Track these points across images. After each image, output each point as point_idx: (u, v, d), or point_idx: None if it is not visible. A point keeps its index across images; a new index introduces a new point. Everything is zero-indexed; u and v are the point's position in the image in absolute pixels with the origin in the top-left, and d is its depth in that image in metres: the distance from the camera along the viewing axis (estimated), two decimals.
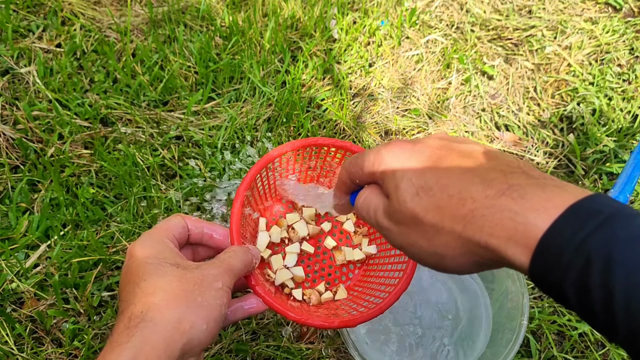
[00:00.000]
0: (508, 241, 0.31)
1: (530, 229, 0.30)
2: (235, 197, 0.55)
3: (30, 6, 1.06)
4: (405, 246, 0.38)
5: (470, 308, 0.83)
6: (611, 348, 0.83)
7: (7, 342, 0.73)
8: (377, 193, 0.40)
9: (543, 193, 0.31)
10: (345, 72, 1.07)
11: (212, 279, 0.43)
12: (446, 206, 0.34)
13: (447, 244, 0.34)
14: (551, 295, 0.32)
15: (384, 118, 1.04)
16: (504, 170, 0.34)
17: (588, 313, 0.29)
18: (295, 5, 1.12)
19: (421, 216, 0.35)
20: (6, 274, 0.77)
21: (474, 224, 0.32)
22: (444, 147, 0.37)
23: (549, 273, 0.30)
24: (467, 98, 1.09)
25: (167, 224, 0.48)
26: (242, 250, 0.50)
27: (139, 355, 0.37)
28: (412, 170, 0.36)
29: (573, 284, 0.29)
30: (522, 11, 1.23)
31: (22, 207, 0.85)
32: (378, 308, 0.55)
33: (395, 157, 0.38)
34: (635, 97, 1.09)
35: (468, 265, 0.35)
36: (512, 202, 0.31)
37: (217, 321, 0.42)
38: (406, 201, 0.35)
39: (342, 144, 0.61)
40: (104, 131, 0.93)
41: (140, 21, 1.08)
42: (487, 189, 0.33)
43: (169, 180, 0.91)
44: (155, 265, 0.43)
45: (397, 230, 0.37)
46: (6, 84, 0.96)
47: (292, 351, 0.79)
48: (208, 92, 0.99)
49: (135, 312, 0.39)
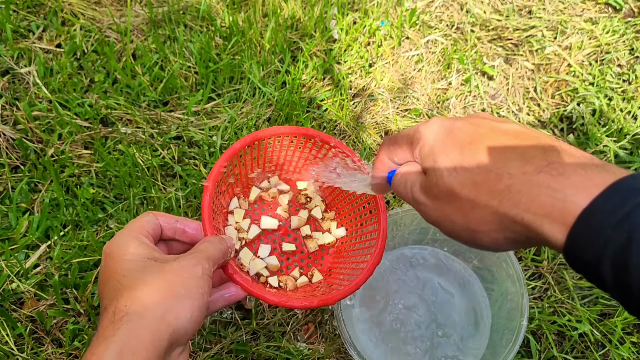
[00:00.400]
0: (545, 217, 0.31)
1: (568, 206, 0.30)
2: (204, 190, 0.55)
3: (30, 6, 1.06)
4: (440, 221, 0.38)
5: (470, 308, 0.83)
6: (611, 348, 0.83)
7: (7, 342, 0.74)
8: (414, 169, 0.40)
9: (583, 171, 0.31)
10: (345, 72, 1.07)
11: (191, 269, 0.44)
12: (483, 181, 0.34)
13: (482, 219, 0.34)
14: (585, 274, 0.31)
15: (384, 118, 1.04)
16: (543, 148, 0.34)
17: (624, 293, 0.29)
18: (295, 6, 1.12)
19: (457, 191, 0.35)
20: (6, 274, 0.77)
21: (511, 200, 0.32)
22: (483, 125, 0.37)
23: (586, 251, 0.29)
24: (467, 98, 1.09)
25: (140, 222, 0.49)
26: (217, 239, 0.50)
27: (125, 348, 0.37)
28: (451, 146, 0.37)
29: (611, 263, 0.28)
30: (522, 11, 1.23)
31: (22, 208, 0.85)
32: (354, 284, 0.56)
33: (434, 133, 0.38)
34: (635, 97, 1.09)
35: (501, 242, 0.35)
36: (550, 179, 0.31)
37: (201, 310, 0.42)
38: (443, 176, 0.36)
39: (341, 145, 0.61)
40: (104, 131, 0.93)
41: (140, 21, 1.08)
42: (525, 165, 0.33)
43: (169, 180, 0.91)
44: (134, 261, 0.43)
45: (432, 205, 0.38)
46: (6, 84, 0.96)
47: (292, 351, 0.79)
48: (208, 92, 0.99)
49: (119, 306, 0.39)
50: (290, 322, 0.81)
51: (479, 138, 0.36)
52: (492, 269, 0.82)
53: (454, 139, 0.37)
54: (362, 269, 0.58)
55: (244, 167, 0.64)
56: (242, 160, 0.62)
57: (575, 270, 0.32)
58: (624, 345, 0.83)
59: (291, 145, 0.65)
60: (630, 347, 0.83)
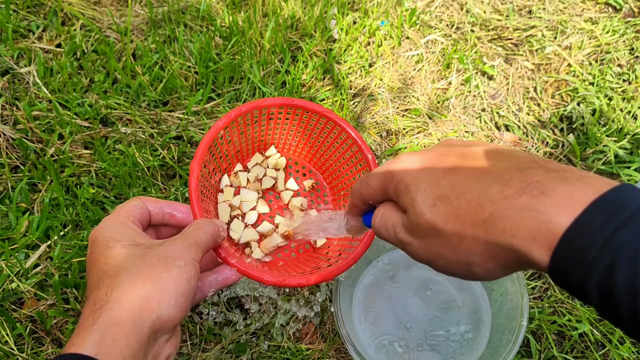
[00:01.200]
0: (533, 242, 0.30)
1: (552, 227, 0.29)
2: (190, 173, 0.54)
3: (30, 6, 1.06)
4: (431, 259, 0.37)
5: (469, 308, 0.83)
6: (611, 348, 0.83)
7: (7, 342, 0.74)
8: (393, 209, 0.39)
9: (564, 187, 0.30)
10: (345, 72, 1.07)
11: (176, 254, 0.42)
12: (466, 213, 0.33)
13: (472, 250, 0.33)
14: (571, 293, 0.31)
15: (384, 118, 1.04)
16: (520, 167, 0.33)
17: (611, 314, 0.28)
18: (295, 5, 1.12)
19: (441, 226, 0.34)
20: (6, 274, 0.77)
21: (496, 227, 0.31)
22: (453, 153, 0.36)
23: (570, 273, 0.29)
24: (467, 98, 1.09)
25: (126, 207, 0.48)
26: (206, 222, 0.49)
27: (105, 336, 0.36)
28: (426, 181, 0.36)
29: (597, 286, 0.28)
30: (522, 11, 1.23)
31: (22, 207, 0.85)
32: (352, 257, 0.55)
33: (406, 170, 0.37)
34: (635, 97, 1.09)
35: (497, 270, 0.34)
36: (533, 200, 0.30)
37: (187, 295, 0.41)
38: (424, 213, 0.35)
39: (313, 106, 0.61)
40: (104, 131, 0.93)
41: (140, 21, 1.08)
42: (505, 189, 0.32)
43: (169, 180, 0.91)
44: (117, 248, 0.42)
45: (418, 244, 0.37)
46: (6, 84, 0.96)
47: (292, 351, 0.79)
48: (208, 92, 0.99)
49: (100, 295, 0.39)
50: (290, 322, 0.81)
51: (452, 168, 0.35)
52: None
53: (427, 173, 0.36)
54: (359, 241, 0.57)
55: (232, 144, 0.63)
56: (228, 138, 0.61)
57: (562, 289, 0.31)
58: (624, 345, 0.83)
59: (279, 117, 0.64)
60: (630, 347, 0.83)
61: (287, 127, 0.66)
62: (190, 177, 0.54)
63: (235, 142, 0.63)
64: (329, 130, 0.65)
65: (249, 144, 0.66)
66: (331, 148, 0.67)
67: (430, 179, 0.36)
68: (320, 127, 0.65)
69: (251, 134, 0.64)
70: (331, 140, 0.66)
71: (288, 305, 0.82)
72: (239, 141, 0.64)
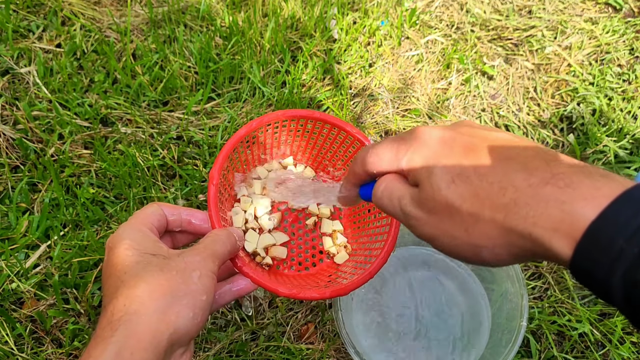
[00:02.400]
0: (554, 232, 0.29)
1: (577, 218, 0.29)
2: (210, 180, 0.53)
3: (30, 6, 1.06)
4: (436, 236, 0.36)
5: (470, 308, 0.83)
6: (611, 348, 0.83)
7: (7, 342, 0.74)
8: (399, 181, 0.38)
9: (590, 181, 0.29)
10: (345, 72, 1.07)
11: (195, 265, 0.42)
12: (486, 194, 0.32)
13: (486, 234, 0.33)
14: (593, 289, 0.30)
15: (384, 118, 1.04)
16: (545, 159, 0.32)
17: (634, 309, 0.28)
18: (295, 5, 1.12)
19: (457, 204, 0.33)
20: (6, 274, 0.78)
21: (517, 214, 0.31)
22: (475, 135, 0.36)
23: (594, 264, 0.28)
24: (467, 98, 1.09)
25: (144, 213, 0.47)
26: (225, 233, 0.48)
27: (124, 348, 0.36)
28: (446, 156, 0.35)
29: (622, 276, 0.27)
30: (522, 11, 1.23)
31: (22, 207, 0.85)
32: (368, 272, 0.54)
33: (424, 143, 0.36)
34: (635, 97, 1.09)
35: (505, 257, 0.33)
36: (558, 191, 0.30)
37: (204, 308, 0.41)
38: (441, 189, 0.34)
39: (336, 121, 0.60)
40: (104, 131, 0.93)
41: (140, 21, 1.08)
42: (530, 177, 0.31)
43: (169, 180, 0.91)
44: (135, 257, 0.41)
45: (427, 219, 0.35)
46: (6, 84, 0.96)
47: (292, 351, 0.79)
48: (208, 92, 0.99)
49: (118, 305, 0.38)
50: (290, 322, 0.81)
51: (474, 149, 0.35)
52: (492, 269, 0.82)
53: (449, 149, 0.35)
54: (375, 257, 0.56)
55: (251, 154, 0.63)
56: (248, 147, 0.61)
57: (582, 284, 0.31)
58: (624, 345, 0.83)
59: (298, 129, 0.63)
60: (630, 347, 0.83)
61: (299, 137, 0.65)
62: (209, 184, 0.53)
63: (253, 151, 0.63)
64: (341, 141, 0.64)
65: (261, 153, 0.66)
66: (343, 158, 0.66)
67: (451, 154, 0.35)
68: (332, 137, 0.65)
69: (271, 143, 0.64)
70: (343, 150, 0.65)
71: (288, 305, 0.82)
72: (258, 150, 0.64)
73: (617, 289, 0.28)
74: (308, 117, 0.61)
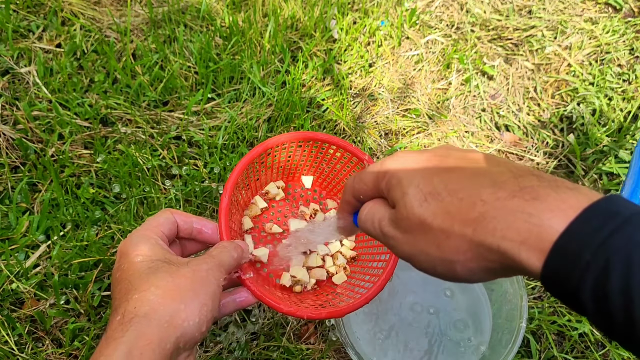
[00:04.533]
0: (521, 245, 0.30)
1: (545, 230, 0.29)
2: (223, 192, 0.55)
3: (30, 6, 1.06)
4: (413, 255, 0.37)
5: (470, 308, 0.83)
6: (611, 348, 0.83)
7: (7, 342, 0.74)
8: (381, 204, 0.39)
9: (557, 194, 0.30)
10: (345, 72, 1.07)
11: (203, 274, 0.44)
12: (456, 210, 0.33)
13: (457, 249, 0.33)
14: (564, 301, 0.30)
15: (384, 118, 1.04)
16: (514, 173, 0.33)
17: (605, 320, 0.28)
18: (295, 6, 1.12)
19: (429, 221, 0.34)
20: (6, 274, 0.78)
21: (485, 227, 0.31)
22: (450, 155, 0.37)
23: (564, 278, 0.28)
24: (467, 98, 1.09)
25: (157, 221, 0.49)
26: (232, 245, 0.50)
27: (133, 348, 0.37)
28: (420, 176, 0.36)
29: (591, 289, 0.28)
30: (522, 11, 1.23)
31: (22, 207, 0.85)
32: (364, 298, 0.56)
33: (400, 166, 0.37)
34: (635, 97, 1.09)
35: (479, 272, 0.34)
36: (525, 204, 0.30)
37: (209, 315, 0.43)
38: (414, 207, 0.35)
39: (347, 146, 0.61)
40: (104, 131, 0.93)
41: (140, 21, 1.08)
42: (498, 190, 0.32)
43: (169, 180, 0.91)
44: (147, 263, 0.43)
45: (404, 238, 0.36)
46: (6, 84, 0.96)
47: (292, 351, 0.79)
48: (208, 92, 0.99)
49: (129, 308, 0.40)
50: (290, 322, 0.81)
51: (447, 168, 0.36)
52: None
53: (422, 169, 0.36)
54: (372, 283, 0.57)
55: (261, 172, 0.64)
56: (262, 163, 0.62)
57: (554, 297, 0.31)
58: None
59: (305, 150, 0.64)
60: None
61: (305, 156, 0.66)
62: (222, 196, 0.54)
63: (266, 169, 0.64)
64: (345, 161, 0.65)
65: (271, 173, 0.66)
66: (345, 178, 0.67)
67: (424, 174, 0.36)
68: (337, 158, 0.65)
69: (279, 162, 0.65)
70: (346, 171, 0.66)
71: None
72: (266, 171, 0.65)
73: (586, 299, 0.28)
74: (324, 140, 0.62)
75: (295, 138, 0.61)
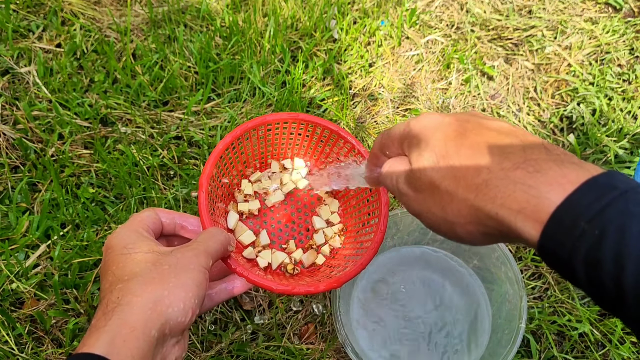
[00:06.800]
0: (518, 214, 0.31)
1: (542, 202, 0.30)
2: (200, 186, 0.55)
3: (30, 6, 1.06)
4: (421, 212, 0.39)
5: (469, 308, 0.83)
6: (611, 348, 0.83)
7: (7, 342, 0.74)
8: (401, 162, 0.41)
9: (559, 168, 0.31)
10: (345, 72, 1.07)
11: (187, 261, 0.44)
12: (462, 175, 0.35)
13: (459, 212, 0.35)
14: (559, 270, 0.32)
15: (384, 118, 1.04)
16: (523, 145, 0.34)
17: (595, 287, 0.29)
18: (295, 5, 1.12)
19: (437, 183, 0.36)
20: (6, 274, 0.78)
21: (487, 194, 0.33)
22: (471, 121, 0.38)
23: (559, 247, 0.30)
24: (467, 98, 1.09)
25: (140, 217, 0.49)
26: (217, 230, 0.50)
27: (116, 337, 0.37)
28: (436, 139, 0.37)
29: (584, 257, 0.29)
30: (522, 11, 1.23)
31: (22, 207, 0.85)
32: (359, 264, 0.56)
33: (422, 127, 0.39)
34: (635, 97, 1.09)
35: (477, 235, 0.36)
36: (526, 175, 0.32)
37: (195, 301, 0.43)
38: (426, 169, 0.37)
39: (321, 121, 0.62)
40: (104, 131, 0.93)
41: (140, 21, 1.08)
42: (503, 160, 0.33)
43: (169, 180, 0.91)
44: (131, 255, 0.44)
45: (415, 196, 0.39)
46: (6, 84, 0.96)
47: (292, 351, 0.79)
48: (208, 92, 0.99)
49: (112, 298, 0.40)
50: (290, 322, 0.81)
51: (463, 133, 0.37)
52: (492, 269, 0.82)
53: (440, 133, 0.38)
54: (366, 248, 0.57)
55: (244, 155, 0.64)
56: (241, 149, 0.62)
57: (550, 267, 0.32)
58: (624, 345, 0.83)
59: (291, 132, 0.65)
60: (631, 347, 0.83)
61: (292, 140, 0.66)
62: (199, 190, 0.55)
63: (247, 153, 0.64)
64: (332, 142, 0.65)
65: (255, 156, 0.66)
66: None
67: (440, 138, 0.37)
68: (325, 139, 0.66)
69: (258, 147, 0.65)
70: (336, 151, 0.66)
71: (288, 305, 0.82)
72: (250, 152, 0.65)
73: (579, 269, 0.29)
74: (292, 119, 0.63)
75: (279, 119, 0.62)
